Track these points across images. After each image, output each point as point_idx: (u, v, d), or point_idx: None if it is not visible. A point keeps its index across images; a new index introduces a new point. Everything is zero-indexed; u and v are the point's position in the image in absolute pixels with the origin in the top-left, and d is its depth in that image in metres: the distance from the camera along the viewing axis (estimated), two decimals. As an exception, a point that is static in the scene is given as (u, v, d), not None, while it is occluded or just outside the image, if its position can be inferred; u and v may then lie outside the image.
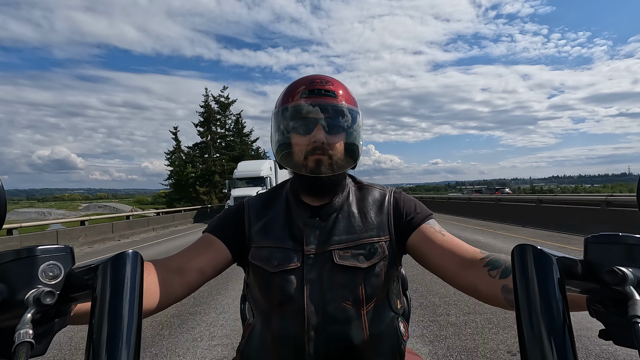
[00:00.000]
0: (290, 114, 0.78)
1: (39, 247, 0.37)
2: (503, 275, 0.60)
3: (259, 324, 0.77)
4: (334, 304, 0.72)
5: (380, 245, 0.77)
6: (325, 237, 0.77)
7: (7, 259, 0.36)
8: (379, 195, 0.85)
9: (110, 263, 0.34)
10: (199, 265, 0.72)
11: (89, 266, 0.37)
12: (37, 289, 0.34)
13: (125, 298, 0.33)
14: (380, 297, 0.77)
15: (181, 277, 0.68)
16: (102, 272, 0.34)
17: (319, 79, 0.80)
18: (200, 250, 0.76)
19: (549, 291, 0.32)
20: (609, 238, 0.36)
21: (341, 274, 0.74)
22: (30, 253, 0.36)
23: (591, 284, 0.36)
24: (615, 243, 0.35)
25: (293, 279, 0.74)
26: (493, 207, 14.51)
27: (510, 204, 14.02)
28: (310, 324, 0.71)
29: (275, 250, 0.77)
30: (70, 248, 0.40)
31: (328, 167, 0.76)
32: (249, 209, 0.83)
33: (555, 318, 0.31)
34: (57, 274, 0.37)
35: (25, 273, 0.36)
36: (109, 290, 0.33)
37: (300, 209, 0.80)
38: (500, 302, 0.60)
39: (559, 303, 0.32)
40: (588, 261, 0.37)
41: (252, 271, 0.79)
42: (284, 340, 0.73)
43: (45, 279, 0.36)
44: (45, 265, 0.37)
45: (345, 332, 0.72)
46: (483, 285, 0.62)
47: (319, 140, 0.74)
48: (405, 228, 0.79)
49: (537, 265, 0.33)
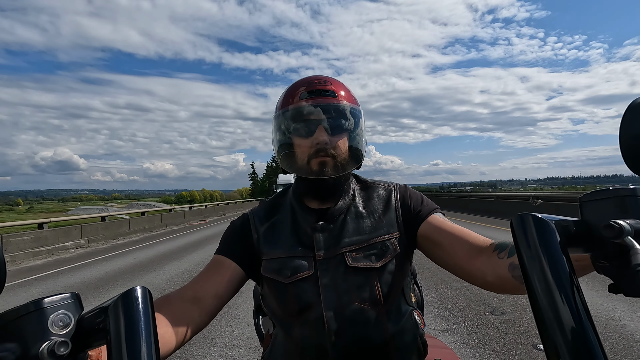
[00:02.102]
0: (291, 116, 0.76)
1: (45, 299, 0.36)
2: (510, 254, 0.59)
3: (280, 334, 0.77)
4: (351, 306, 0.72)
5: (391, 242, 0.76)
6: (335, 240, 0.76)
7: (15, 316, 0.35)
8: (385, 192, 0.83)
9: (120, 302, 0.34)
10: (213, 290, 0.71)
11: (99, 309, 0.36)
12: (49, 341, 0.34)
13: (140, 335, 0.33)
14: (396, 293, 0.76)
15: (198, 306, 0.68)
16: (113, 313, 0.34)
17: (317, 79, 0.79)
18: (212, 274, 0.75)
19: (554, 255, 0.32)
20: (601, 194, 0.36)
21: (355, 276, 0.73)
22: (37, 306, 0.36)
23: (592, 241, 0.36)
24: (608, 197, 0.35)
25: (308, 286, 0.73)
26: (465, 202, 19.50)
27: (476, 199, 18.60)
28: (330, 328, 0.71)
29: (287, 260, 0.76)
30: (76, 295, 0.39)
31: (333, 169, 0.74)
32: (254, 220, 0.83)
33: (562, 280, 0.31)
34: (68, 323, 0.36)
35: (35, 327, 0.35)
36: (123, 330, 0.33)
37: (305, 214, 0.79)
38: (509, 282, 0.59)
39: (564, 265, 0.32)
40: (585, 220, 0.37)
41: (266, 283, 0.78)
42: (306, 348, 0.72)
43: (56, 330, 0.36)
44: (54, 315, 0.36)
45: (366, 332, 0.71)
46: (490, 269, 0.62)
47: (321, 142, 0.73)
48: (414, 220, 0.78)
49: (538, 232, 0.33)
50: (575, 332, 0.30)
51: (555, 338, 0.30)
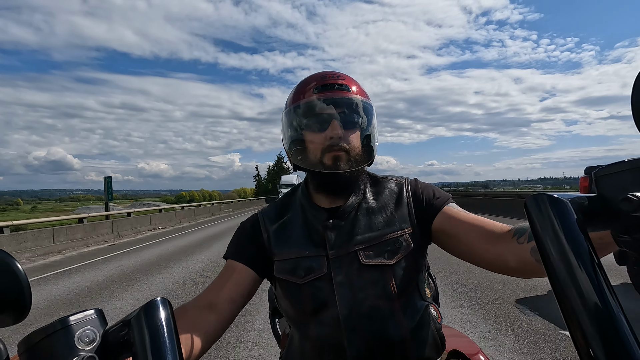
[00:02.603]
0: (303, 111, 0.76)
1: (70, 317, 0.37)
2: (530, 238, 0.58)
3: (297, 334, 0.77)
4: (367, 303, 0.71)
5: (404, 238, 0.75)
6: (348, 237, 0.75)
7: (43, 335, 0.36)
8: (396, 186, 0.82)
9: (143, 314, 0.35)
10: (228, 296, 0.71)
11: (122, 322, 0.37)
12: (77, 357, 0.35)
13: (165, 345, 0.33)
14: (411, 289, 0.75)
15: (213, 313, 0.68)
16: (136, 325, 0.35)
17: (330, 74, 0.78)
18: (225, 279, 0.74)
19: (572, 234, 0.31)
20: (616, 167, 0.35)
21: (369, 273, 0.72)
22: (63, 324, 0.37)
23: (610, 216, 0.34)
24: (624, 170, 0.34)
25: (323, 285, 0.73)
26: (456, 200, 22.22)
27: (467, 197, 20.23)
28: (347, 327, 0.70)
29: (299, 260, 0.75)
30: (100, 310, 0.40)
31: (347, 163, 0.74)
32: (264, 221, 0.82)
33: (584, 260, 0.29)
34: (94, 338, 0.37)
35: (63, 345, 0.36)
36: (148, 341, 0.34)
37: (316, 213, 0.78)
38: (531, 266, 0.58)
39: (584, 244, 0.30)
40: (601, 195, 0.35)
41: (280, 285, 0.78)
42: (323, 347, 0.72)
43: (82, 345, 0.37)
44: (80, 332, 0.37)
45: (383, 329, 0.71)
46: (512, 254, 0.61)
47: (336, 136, 0.73)
48: (428, 213, 0.77)
49: (553, 212, 0.32)
50: (603, 316, 0.27)
51: (582, 324, 0.28)
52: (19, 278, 0.39)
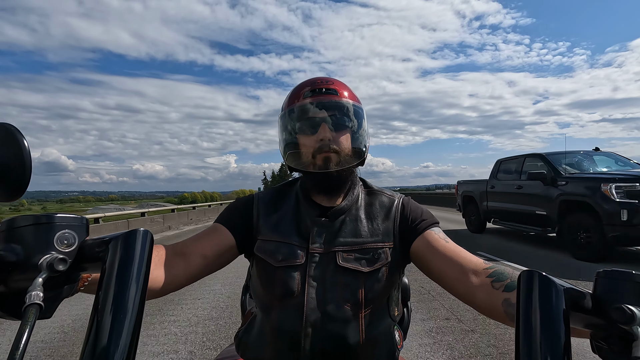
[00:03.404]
0: (296, 115, 0.79)
1: (57, 215, 0.38)
2: (507, 289, 0.59)
3: (260, 314, 0.78)
4: (333, 303, 0.73)
5: (384, 251, 0.77)
6: (331, 238, 0.77)
7: (27, 223, 0.37)
8: (388, 201, 0.84)
9: (122, 238, 0.35)
10: (201, 250, 0.74)
11: (102, 239, 0.37)
12: (51, 255, 0.36)
13: (132, 273, 0.34)
14: (380, 302, 0.77)
15: (183, 260, 0.70)
16: (113, 246, 0.35)
17: (320, 80, 0.82)
18: (206, 237, 0.77)
19: (553, 321, 0.31)
20: (620, 275, 0.34)
21: (343, 276, 0.74)
22: (49, 220, 0.37)
23: (597, 319, 0.34)
24: (627, 280, 0.34)
25: (296, 275, 0.74)
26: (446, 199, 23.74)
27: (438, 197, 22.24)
28: (308, 320, 0.72)
29: (281, 244, 0.77)
30: (86, 219, 0.40)
31: (336, 164, 0.76)
32: (259, 202, 0.84)
33: (555, 348, 0.30)
34: (72, 243, 0.38)
35: (41, 238, 0.37)
36: (117, 263, 0.34)
37: (309, 207, 0.81)
38: (499, 315, 0.59)
39: (561, 334, 0.30)
40: (597, 296, 0.35)
41: (256, 263, 0.80)
42: (281, 333, 0.73)
43: (60, 247, 0.37)
44: (61, 233, 0.37)
45: (342, 332, 0.72)
46: (484, 294, 0.62)
47: (325, 138, 0.75)
48: (410, 234, 0.78)
49: (543, 294, 0.32)
50: None
51: None
52: (21, 151, 0.38)
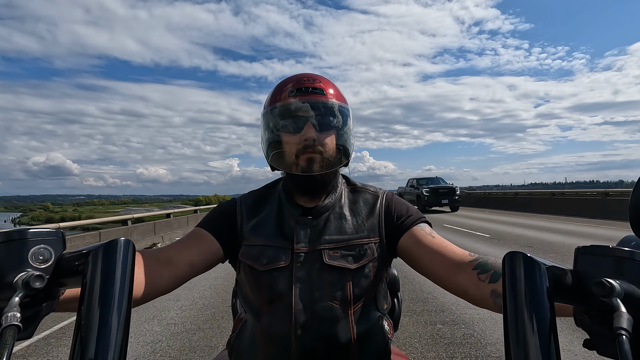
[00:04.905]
0: (280, 113, 0.77)
1: (30, 230, 0.36)
2: (492, 279, 0.60)
3: (250, 319, 0.77)
4: (321, 302, 0.72)
5: (369, 247, 0.77)
6: (316, 236, 0.77)
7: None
8: (372, 197, 0.84)
9: (101, 250, 0.34)
10: (189, 258, 0.72)
11: (80, 252, 0.36)
12: (26, 273, 0.34)
13: (115, 285, 0.32)
14: (368, 297, 0.77)
15: (170, 269, 0.69)
16: (92, 259, 0.34)
17: (306, 77, 0.79)
18: (191, 243, 0.75)
19: (538, 299, 0.32)
20: (599, 250, 0.36)
21: (330, 274, 0.74)
22: (21, 236, 0.36)
23: (579, 294, 0.36)
24: (605, 255, 0.35)
25: (282, 277, 0.74)
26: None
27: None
28: (297, 322, 0.71)
29: (265, 248, 0.76)
30: (61, 232, 0.38)
31: (320, 165, 0.75)
32: (241, 206, 0.83)
33: (542, 326, 0.31)
34: (48, 258, 0.36)
35: (15, 256, 0.35)
36: (99, 277, 0.33)
37: (292, 208, 0.80)
38: (489, 306, 0.60)
39: (546, 311, 0.32)
40: (577, 272, 0.37)
41: (243, 269, 0.79)
42: (271, 337, 0.73)
43: (35, 263, 0.36)
44: (35, 248, 0.36)
45: (332, 331, 0.72)
46: (472, 288, 0.63)
47: (309, 138, 0.74)
48: (396, 230, 0.78)
49: (527, 274, 0.33)
50: None
51: None
52: None
